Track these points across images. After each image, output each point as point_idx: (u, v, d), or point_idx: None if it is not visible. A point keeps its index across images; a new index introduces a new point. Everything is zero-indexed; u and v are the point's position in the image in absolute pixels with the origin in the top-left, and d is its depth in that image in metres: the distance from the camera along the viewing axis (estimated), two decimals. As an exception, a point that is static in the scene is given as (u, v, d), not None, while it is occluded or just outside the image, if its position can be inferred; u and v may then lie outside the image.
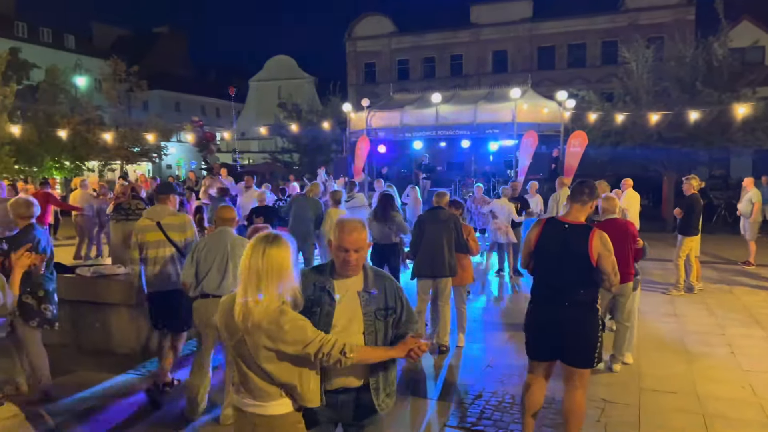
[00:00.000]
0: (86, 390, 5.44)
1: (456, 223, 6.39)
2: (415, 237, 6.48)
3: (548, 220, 4.08)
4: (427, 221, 6.42)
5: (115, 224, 7.23)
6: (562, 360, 3.94)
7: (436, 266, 6.29)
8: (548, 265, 3.94)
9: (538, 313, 4.02)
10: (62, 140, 27.14)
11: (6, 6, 41.43)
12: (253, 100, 48.84)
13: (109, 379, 5.72)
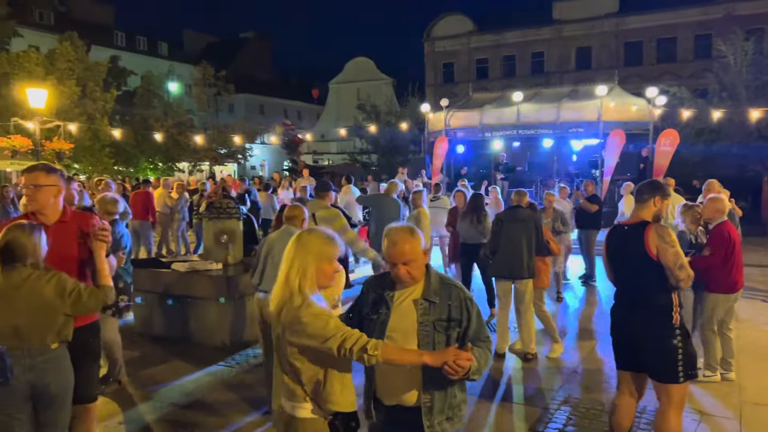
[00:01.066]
0: (180, 379, 5.72)
1: (536, 223, 6.23)
2: (493, 236, 6.34)
3: (614, 226, 4.01)
4: (506, 220, 6.26)
5: (207, 222, 7.57)
6: (646, 372, 3.74)
7: (515, 267, 6.13)
8: (618, 270, 3.86)
9: (614, 319, 3.90)
10: (156, 142, 28.77)
11: (106, 17, 44.35)
12: (332, 102, 49.78)
13: (201, 369, 5.98)
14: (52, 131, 20.73)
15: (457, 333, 2.49)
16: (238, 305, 6.77)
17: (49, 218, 3.40)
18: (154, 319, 7.18)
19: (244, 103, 47.42)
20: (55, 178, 3.36)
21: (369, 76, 48.20)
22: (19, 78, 22.75)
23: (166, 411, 5.00)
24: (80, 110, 25.37)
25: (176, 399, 5.24)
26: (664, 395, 3.64)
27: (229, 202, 7.63)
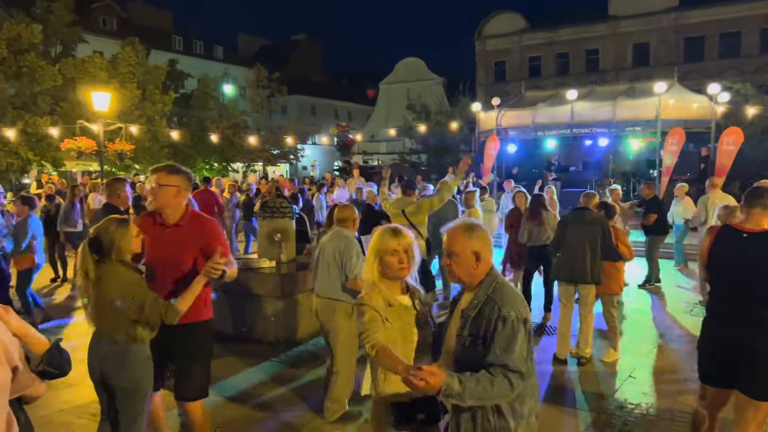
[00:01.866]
0: (234, 375, 5.87)
1: (603, 226, 5.98)
2: (556, 238, 6.22)
3: (722, 228, 3.67)
4: (571, 222, 6.09)
5: (261, 221, 7.73)
6: (737, 387, 3.43)
7: (577, 271, 5.94)
8: (726, 278, 3.51)
9: (714, 330, 3.57)
10: (212, 143, 29.58)
11: (165, 22, 45.82)
12: (382, 102, 49.97)
13: (254, 365, 6.12)
14: (114, 133, 21.59)
15: (480, 352, 2.30)
16: (290, 303, 6.89)
17: (169, 218, 3.50)
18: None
19: (296, 104, 48.16)
20: (177, 179, 3.45)
21: (419, 76, 48.15)
22: (84, 82, 23.80)
23: (220, 405, 5.14)
24: (140, 112, 26.33)
25: (230, 394, 5.37)
26: (750, 411, 3.37)
27: (282, 201, 7.78)
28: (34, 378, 2.13)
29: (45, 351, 2.14)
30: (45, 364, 2.13)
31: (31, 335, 2.14)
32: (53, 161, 24.08)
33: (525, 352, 2.30)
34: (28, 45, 23.73)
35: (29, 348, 2.13)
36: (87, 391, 4.76)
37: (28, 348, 2.13)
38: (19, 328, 2.10)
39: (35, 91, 23.59)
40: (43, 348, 2.14)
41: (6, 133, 21.55)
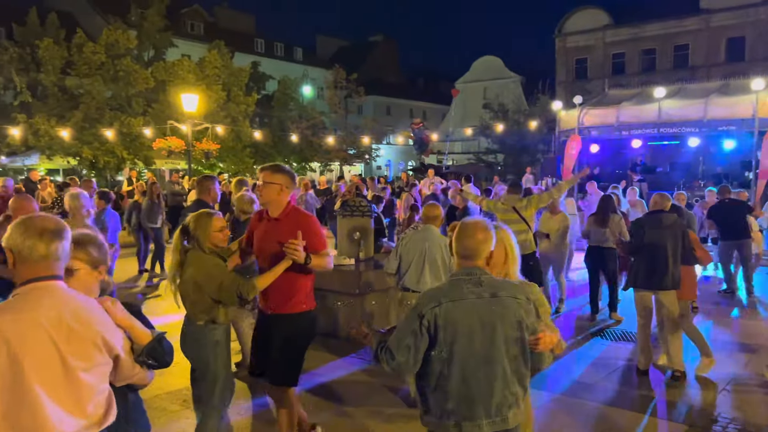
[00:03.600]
0: (314, 368, 6.01)
1: (682, 228, 5.74)
2: (634, 242, 5.93)
3: None
4: (648, 226, 5.79)
5: (341, 219, 7.88)
6: None
7: (657, 277, 5.65)
8: None
9: None
10: (291, 143, 30.39)
11: (248, 26, 47.45)
12: (458, 101, 49.58)
13: (335, 360, 6.25)
14: (201, 133, 22.61)
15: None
16: (368, 299, 6.99)
17: (273, 212, 3.81)
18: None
19: (372, 104, 48.68)
20: (279, 177, 3.72)
21: (496, 75, 47.49)
22: (174, 84, 25.06)
23: (301, 396, 5.29)
24: (225, 113, 27.41)
25: (309, 387, 5.51)
26: None
27: (361, 200, 7.91)
28: (138, 367, 2.26)
29: (147, 343, 2.25)
30: (145, 355, 2.25)
31: (135, 327, 2.25)
32: (145, 159, 25.49)
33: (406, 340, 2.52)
34: (124, 50, 25.24)
35: (133, 339, 2.25)
36: (179, 377, 5.03)
37: (133, 339, 2.25)
38: (123, 320, 2.22)
39: (130, 94, 25.06)
40: (145, 340, 2.25)
41: (104, 132, 23.03)
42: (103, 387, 2.17)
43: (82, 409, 2.08)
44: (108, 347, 2.14)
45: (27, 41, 24.27)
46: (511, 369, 2.52)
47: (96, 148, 23.71)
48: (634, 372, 5.84)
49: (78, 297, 2.15)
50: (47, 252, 2.08)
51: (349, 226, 7.75)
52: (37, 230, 2.09)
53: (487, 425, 2.49)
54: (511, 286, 2.61)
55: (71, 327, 2.03)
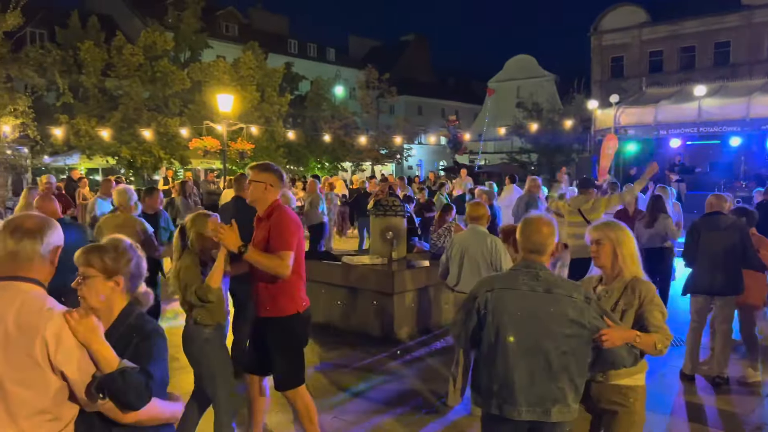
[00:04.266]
0: (345, 367, 6.05)
1: (742, 231, 5.45)
2: (688, 246, 5.67)
3: None
4: (704, 228, 5.55)
5: (374, 219, 7.90)
6: None
7: (716, 282, 5.40)
8: None
9: None
10: (324, 143, 30.56)
11: (281, 27, 47.87)
12: (491, 101, 49.31)
13: (367, 358, 6.26)
14: (236, 133, 22.90)
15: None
16: (400, 299, 6.98)
17: (260, 211, 3.83)
18: (319, 308, 7.61)
19: (404, 104, 48.66)
20: (265, 175, 3.73)
21: (530, 74, 46.97)
22: (209, 85, 25.46)
23: (336, 394, 5.32)
24: (259, 113, 27.73)
25: (344, 384, 5.53)
26: None
27: (394, 200, 7.91)
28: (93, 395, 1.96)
29: (107, 373, 1.94)
30: (96, 386, 1.94)
31: (98, 350, 1.96)
32: (181, 159, 25.96)
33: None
34: (162, 52, 25.74)
35: (96, 363, 1.97)
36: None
37: (95, 362, 1.97)
38: (84, 339, 1.95)
39: (167, 94, 25.55)
40: (107, 367, 1.95)
41: (142, 132, 23.53)
42: (48, 408, 1.94)
43: (13, 421, 1.91)
44: (50, 363, 1.92)
45: (69, 44, 24.94)
46: (559, 364, 2.56)
47: (134, 148, 24.25)
48: (678, 377, 5.70)
49: (33, 303, 1.97)
50: (14, 249, 2.00)
51: (382, 225, 7.76)
52: (10, 228, 2.04)
53: (527, 413, 2.57)
54: (569, 285, 2.67)
55: (9, 332, 1.91)
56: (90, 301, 2.14)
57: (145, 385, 1.95)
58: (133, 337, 2.10)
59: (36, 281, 2.04)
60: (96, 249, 2.20)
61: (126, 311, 2.19)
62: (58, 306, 2.02)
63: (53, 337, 1.91)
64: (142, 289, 2.27)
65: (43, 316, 1.94)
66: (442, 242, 7.55)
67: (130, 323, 2.15)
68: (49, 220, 2.13)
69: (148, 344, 2.08)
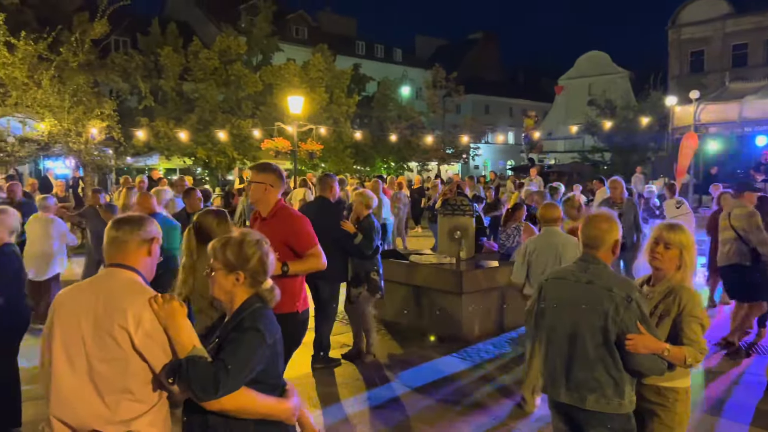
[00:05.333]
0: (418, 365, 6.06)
1: None
2: None
3: None
4: None
5: (442, 218, 7.90)
6: None
7: None
8: None
9: None
10: (390, 143, 30.72)
11: (349, 29, 48.49)
12: (561, 99, 48.10)
13: (436, 358, 6.26)
14: (305, 134, 23.38)
15: None
16: (469, 300, 6.94)
17: (262, 212, 3.83)
18: (387, 306, 7.68)
19: (470, 103, 48.22)
20: (265, 176, 3.72)
21: (602, 70, 45.49)
22: (280, 88, 26.12)
23: (405, 393, 5.36)
24: (328, 114, 28.20)
25: (413, 383, 5.56)
26: None
27: (462, 199, 7.88)
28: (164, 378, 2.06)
29: (177, 359, 2.03)
30: (166, 371, 2.03)
31: (176, 337, 2.04)
32: (253, 159, 26.71)
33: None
34: (235, 56, 26.62)
35: (173, 349, 2.06)
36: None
37: (173, 348, 2.06)
38: (166, 324, 2.05)
39: (240, 97, 26.40)
40: (182, 354, 2.02)
41: (217, 134, 24.43)
42: (129, 388, 2.05)
43: (99, 396, 2.05)
44: (131, 344, 2.04)
45: (150, 50, 26.19)
46: (595, 355, 2.67)
47: (209, 149, 25.19)
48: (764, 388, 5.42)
49: (123, 287, 2.13)
50: (115, 239, 2.22)
51: (450, 224, 7.76)
52: (115, 221, 2.28)
53: (565, 395, 2.75)
54: (612, 280, 2.72)
55: (97, 314, 2.07)
56: (214, 292, 2.25)
57: (212, 377, 1.94)
58: (233, 331, 2.14)
59: (133, 269, 2.22)
60: (222, 243, 2.26)
61: (244, 305, 2.21)
62: (147, 291, 2.16)
63: (134, 320, 2.04)
64: (267, 285, 2.27)
65: (127, 300, 2.09)
66: (511, 242, 7.47)
67: (241, 317, 2.18)
68: (147, 217, 2.34)
69: (239, 338, 2.09)
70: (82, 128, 17.85)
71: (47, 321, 2.22)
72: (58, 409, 2.09)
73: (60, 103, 17.11)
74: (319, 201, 6.05)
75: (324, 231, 5.72)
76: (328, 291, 5.84)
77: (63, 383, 2.09)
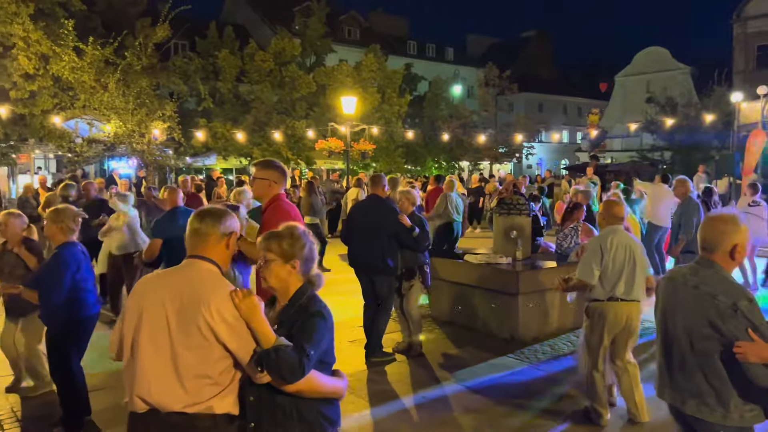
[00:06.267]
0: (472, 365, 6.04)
1: None
2: None
3: None
4: None
5: (497, 218, 7.84)
6: None
7: None
8: None
9: None
10: (441, 142, 30.61)
11: (401, 29, 48.57)
12: (618, 96, 46.77)
13: (491, 358, 6.22)
14: (357, 134, 23.58)
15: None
16: (526, 300, 6.86)
17: (264, 205, 3.94)
18: (442, 305, 7.67)
19: (523, 101, 47.52)
20: (268, 172, 3.81)
21: (662, 67, 43.98)
22: (333, 89, 26.43)
23: (460, 391, 5.35)
24: (379, 114, 28.35)
25: (468, 382, 5.55)
26: None
27: (519, 198, 7.80)
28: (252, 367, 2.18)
29: (262, 348, 2.16)
30: (255, 360, 2.15)
31: (257, 328, 2.17)
32: (307, 160, 27.17)
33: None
34: (290, 57, 27.10)
35: (256, 339, 2.18)
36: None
37: (256, 339, 2.19)
38: (246, 316, 2.17)
39: (294, 98, 26.86)
40: (266, 343, 2.15)
41: (272, 134, 24.93)
42: (209, 374, 2.18)
43: (179, 380, 2.16)
44: (214, 334, 2.15)
45: (208, 53, 26.96)
46: (694, 362, 2.60)
47: (264, 149, 25.73)
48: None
49: (204, 279, 2.25)
50: (196, 231, 2.34)
51: (506, 224, 7.69)
52: (196, 214, 2.40)
53: (668, 394, 2.77)
54: (720, 286, 2.56)
55: (183, 303, 2.19)
56: (270, 281, 2.39)
57: (298, 362, 2.11)
58: (300, 316, 2.30)
59: (212, 261, 2.34)
60: (275, 236, 2.41)
61: (299, 292, 2.38)
62: (227, 284, 2.28)
63: (216, 312, 2.16)
64: (314, 271, 2.45)
65: (210, 291, 2.21)
66: (569, 243, 7.34)
67: (300, 303, 2.35)
68: (228, 211, 2.43)
69: (308, 324, 2.26)
70: (144, 129, 18.56)
71: (129, 306, 2.34)
72: (140, 389, 2.21)
73: (124, 105, 17.84)
74: (371, 198, 6.31)
75: (376, 226, 5.93)
76: (387, 285, 6.03)
77: (147, 366, 2.21)
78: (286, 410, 2.25)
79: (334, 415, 2.40)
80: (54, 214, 4.40)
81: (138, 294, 2.33)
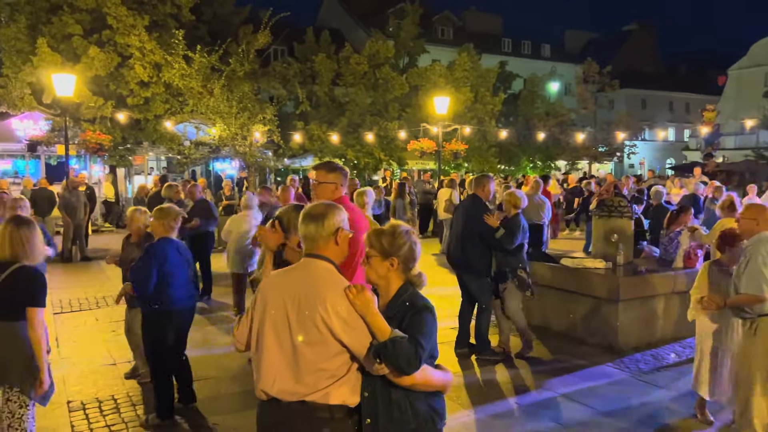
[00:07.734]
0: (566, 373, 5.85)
1: None
2: None
3: None
4: None
5: (597, 220, 7.53)
6: None
7: None
8: None
9: None
10: (536, 141, 29.83)
11: (495, 27, 47.74)
12: (731, 91, 43.56)
13: (590, 366, 5.99)
14: (449, 134, 23.48)
15: None
16: (627, 307, 6.55)
17: None
18: (537, 310, 7.46)
19: (624, 98, 45.34)
20: (333, 176, 3.75)
21: (783, 57, 40.55)
22: (425, 89, 26.45)
23: (555, 399, 5.21)
24: (472, 114, 28.03)
25: (563, 390, 5.39)
26: None
27: (620, 200, 7.44)
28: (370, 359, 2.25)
29: (380, 342, 2.23)
30: (373, 352, 2.23)
31: (373, 322, 2.25)
32: (398, 160, 27.39)
33: None
34: (383, 59, 27.40)
35: (373, 333, 2.26)
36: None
37: (372, 333, 2.26)
38: (362, 311, 2.25)
39: (387, 100, 27.13)
40: (382, 336, 2.23)
41: (366, 136, 25.35)
42: (327, 368, 2.27)
43: (299, 375, 2.28)
44: (329, 330, 2.24)
45: (305, 57, 27.80)
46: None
47: (358, 150, 26.19)
48: None
49: (320, 276, 2.35)
50: (305, 232, 2.43)
51: (606, 227, 7.38)
52: (302, 214, 2.47)
53: None
54: None
55: (300, 302, 2.29)
56: (371, 277, 2.49)
57: (414, 352, 2.21)
58: (407, 311, 2.38)
59: (326, 258, 2.43)
60: (377, 233, 2.50)
61: (402, 289, 2.45)
62: (342, 281, 2.38)
63: (331, 307, 2.26)
64: (416, 270, 2.50)
65: (324, 289, 2.31)
66: (675, 248, 6.96)
67: (404, 299, 2.42)
68: (331, 207, 2.49)
69: (419, 318, 2.35)
70: (246, 132, 19.46)
71: (255, 303, 2.50)
72: (265, 383, 2.36)
73: (228, 109, 18.79)
74: (470, 198, 6.35)
75: (466, 225, 5.97)
76: (476, 285, 6.13)
77: (271, 360, 2.36)
78: (401, 405, 2.31)
79: (443, 409, 2.45)
80: (159, 212, 4.78)
81: (262, 292, 2.48)
